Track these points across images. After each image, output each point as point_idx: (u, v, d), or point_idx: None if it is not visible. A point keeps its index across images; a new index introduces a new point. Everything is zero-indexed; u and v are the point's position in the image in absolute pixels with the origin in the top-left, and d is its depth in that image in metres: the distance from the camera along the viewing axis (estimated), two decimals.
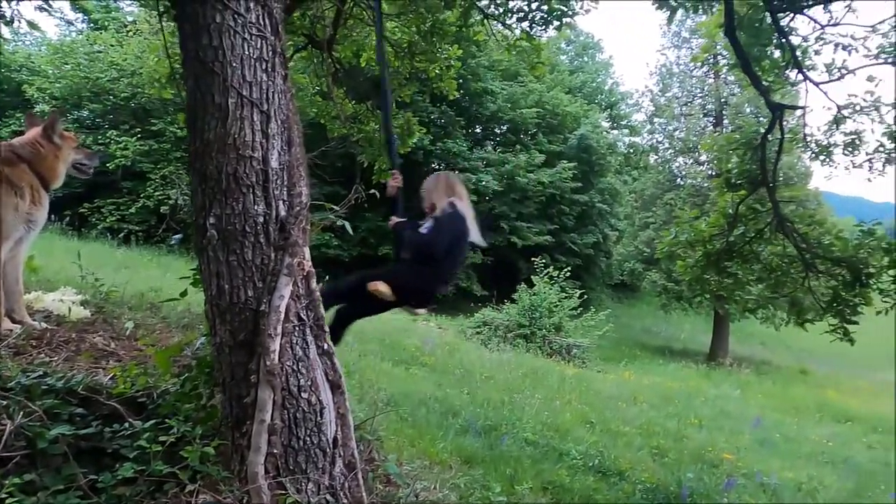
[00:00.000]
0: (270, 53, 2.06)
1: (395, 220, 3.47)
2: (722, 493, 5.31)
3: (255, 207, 2.02)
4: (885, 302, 5.62)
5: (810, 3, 5.22)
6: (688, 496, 5.06)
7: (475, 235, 3.53)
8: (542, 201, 24.63)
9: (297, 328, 2.06)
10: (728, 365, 18.65)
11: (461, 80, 23.25)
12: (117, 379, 2.46)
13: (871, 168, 6.22)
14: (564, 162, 24.93)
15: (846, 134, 6.19)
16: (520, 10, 5.61)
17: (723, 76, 20.92)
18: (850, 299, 5.74)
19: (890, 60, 5.52)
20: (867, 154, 6.17)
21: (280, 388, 1.97)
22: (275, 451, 1.95)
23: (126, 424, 2.09)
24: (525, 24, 5.64)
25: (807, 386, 15.91)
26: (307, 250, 2.14)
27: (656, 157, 26.17)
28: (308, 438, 2.05)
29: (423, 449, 4.80)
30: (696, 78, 23.80)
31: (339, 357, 6.85)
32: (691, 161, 23.04)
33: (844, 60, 5.75)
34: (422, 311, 3.80)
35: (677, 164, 24.83)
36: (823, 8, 5.45)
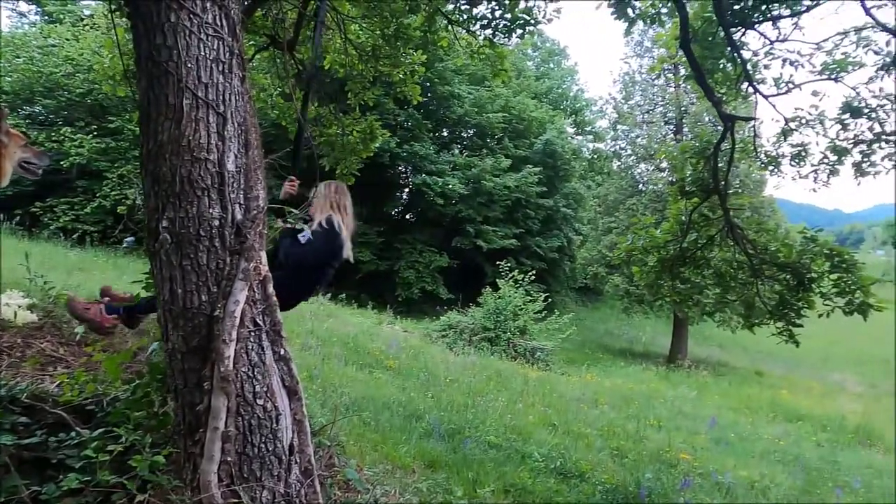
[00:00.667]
0: (228, 55, 2.03)
1: (280, 223, 3.47)
2: (679, 493, 5.43)
3: (211, 211, 1.98)
4: (827, 306, 5.86)
5: (760, 19, 5.42)
6: (646, 496, 5.17)
7: (348, 251, 3.55)
8: (507, 205, 24.86)
9: (252, 333, 2.03)
10: (687, 367, 19.10)
11: (428, 84, 23.35)
12: (64, 386, 2.38)
13: (815, 179, 6.48)
14: (530, 166, 25.23)
15: (793, 146, 6.45)
16: (483, 17, 5.65)
17: (682, 86, 21.49)
18: (795, 303, 5.96)
19: (833, 77, 5.77)
20: (812, 165, 6.43)
21: (234, 394, 1.93)
22: (228, 458, 1.91)
23: (72, 433, 2.02)
24: (488, 32, 5.69)
25: (761, 386, 16.40)
26: (264, 254, 2.11)
27: (619, 163, 26.69)
28: (263, 445, 2.02)
29: (386, 453, 4.79)
30: (657, 87, 24.38)
31: (301, 361, 6.79)
32: (652, 168, 23.57)
33: (791, 75, 5.98)
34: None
35: (639, 171, 25.37)
36: (772, 24, 5.66)
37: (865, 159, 6.23)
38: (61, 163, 16.84)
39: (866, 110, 5.97)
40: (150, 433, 2.06)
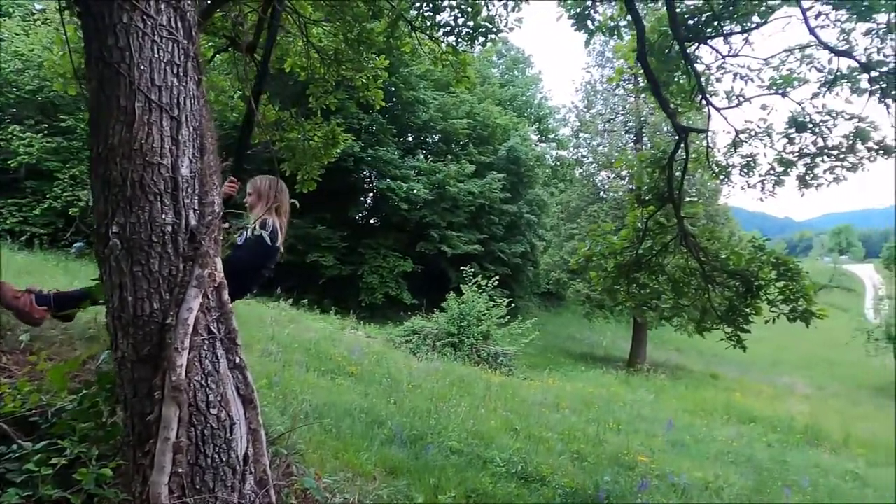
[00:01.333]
0: (183, 57, 2.00)
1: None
2: (636, 495, 5.54)
3: (163, 216, 1.93)
4: (773, 312, 6.10)
5: (713, 34, 5.62)
6: (604, 498, 5.26)
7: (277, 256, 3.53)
8: (471, 211, 25.00)
9: (206, 342, 1.99)
10: (645, 370, 19.50)
11: (392, 89, 23.31)
12: (5, 397, 2.28)
13: (763, 188, 6.74)
14: (494, 173, 25.44)
15: (743, 156, 6.69)
16: (447, 24, 5.69)
17: (642, 96, 22.03)
18: (744, 309, 6.18)
19: (780, 92, 6.02)
20: (760, 176, 6.68)
21: (187, 404, 1.89)
22: (180, 470, 1.87)
23: (14, 446, 1.94)
24: (452, 39, 5.73)
25: (716, 389, 16.88)
26: (219, 261, 2.07)
27: (581, 170, 27.17)
28: (217, 456, 1.98)
29: (347, 461, 4.75)
30: (618, 96, 24.94)
31: (261, 368, 6.67)
32: (613, 175, 24.05)
33: (742, 89, 6.23)
34: None
35: (600, 178, 25.86)
36: (724, 40, 5.88)
37: (809, 172, 6.50)
38: (9, 162, 16.16)
39: (810, 125, 6.24)
40: (97, 445, 2.00)
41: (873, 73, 5.49)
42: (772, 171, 6.75)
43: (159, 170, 1.92)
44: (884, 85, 5.50)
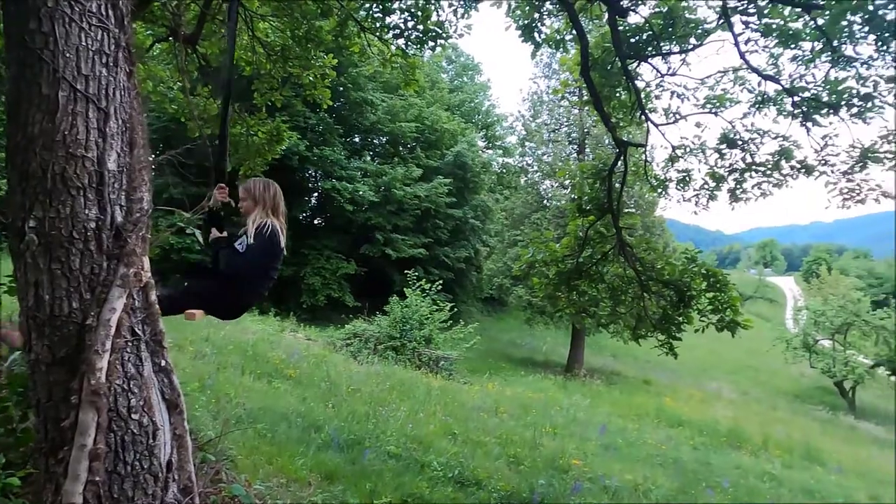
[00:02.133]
0: (113, 47, 1.91)
1: (215, 234, 3.32)
2: (569, 497, 5.68)
3: (87, 212, 1.84)
4: (702, 322, 6.41)
5: (653, 53, 5.85)
6: (539, 501, 5.36)
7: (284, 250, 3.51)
8: (417, 214, 25.00)
9: (130, 344, 1.90)
10: (583, 376, 20.03)
11: (340, 89, 23.06)
12: None
13: (697, 202, 7.07)
14: (440, 177, 25.54)
15: (679, 171, 7.00)
16: (396, 26, 5.69)
17: (585, 109, 22.68)
18: (676, 318, 6.46)
19: (713, 111, 6.34)
20: (694, 190, 7.00)
21: (106, 408, 1.80)
22: (97, 478, 1.77)
23: None
24: (401, 41, 5.73)
25: (648, 394, 17.51)
26: (146, 260, 1.98)
27: (526, 178, 27.70)
28: (137, 463, 1.89)
29: (282, 466, 4.66)
30: (563, 108, 25.55)
31: (194, 370, 6.43)
32: (557, 184, 24.62)
33: (678, 107, 6.52)
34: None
35: (544, 187, 26.41)
36: (663, 59, 6.14)
37: (738, 186, 6.85)
38: None
39: (740, 142, 6.58)
40: (5, 452, 1.87)
41: (796, 98, 5.86)
42: (705, 186, 7.07)
43: (83, 163, 1.82)
44: (805, 108, 5.87)
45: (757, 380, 30.55)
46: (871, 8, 4.10)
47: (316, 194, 25.96)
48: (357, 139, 27.61)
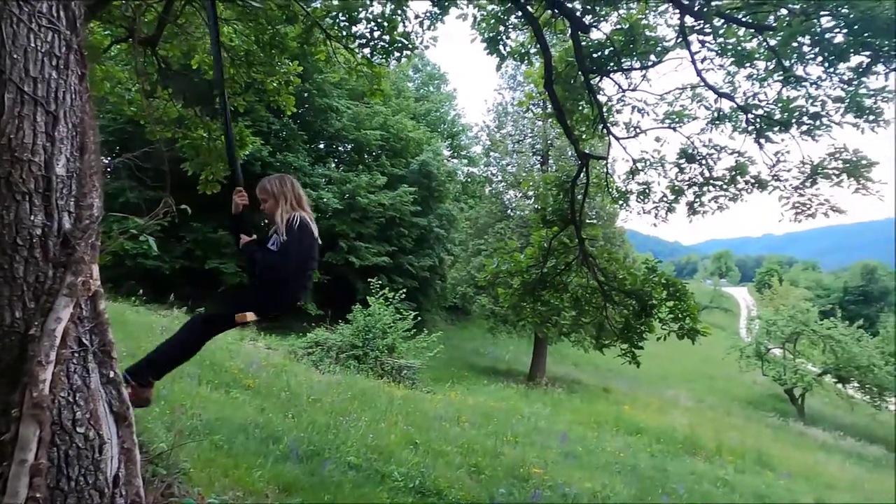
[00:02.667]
0: (64, 49, 1.85)
1: (245, 239, 3.32)
2: None
3: (32, 218, 1.77)
4: (664, 330, 6.57)
5: (614, 68, 6.01)
6: None
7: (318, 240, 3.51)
8: (381, 222, 24.89)
9: (76, 355, 1.83)
10: (544, 384, 20.21)
11: (305, 95, 22.87)
12: None
13: (656, 215, 7.26)
14: (405, 185, 25.53)
15: (639, 184, 7.18)
16: (363, 35, 5.68)
17: (549, 121, 23.04)
18: (638, 327, 6.60)
19: (672, 126, 6.53)
20: (654, 202, 7.19)
21: (49, 422, 1.73)
22: (38, 494, 1.69)
23: None
24: (367, 51, 5.72)
25: (608, 402, 17.77)
26: (96, 268, 1.92)
27: (490, 188, 27.92)
28: (82, 478, 1.82)
29: (238, 479, 4.56)
30: (527, 119, 25.89)
31: None
32: (520, 195, 24.88)
33: (639, 121, 6.70)
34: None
35: (508, 197, 26.66)
36: (624, 75, 6.30)
37: (697, 200, 7.06)
38: None
39: (698, 157, 6.80)
40: None
41: (750, 115, 6.09)
42: (665, 199, 7.27)
43: (30, 167, 1.75)
44: (759, 125, 6.11)
45: (712, 387, 31.39)
46: (818, 31, 4.30)
47: None
48: (321, 146, 27.39)
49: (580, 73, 5.82)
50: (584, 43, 5.81)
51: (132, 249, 17.46)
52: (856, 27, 3.86)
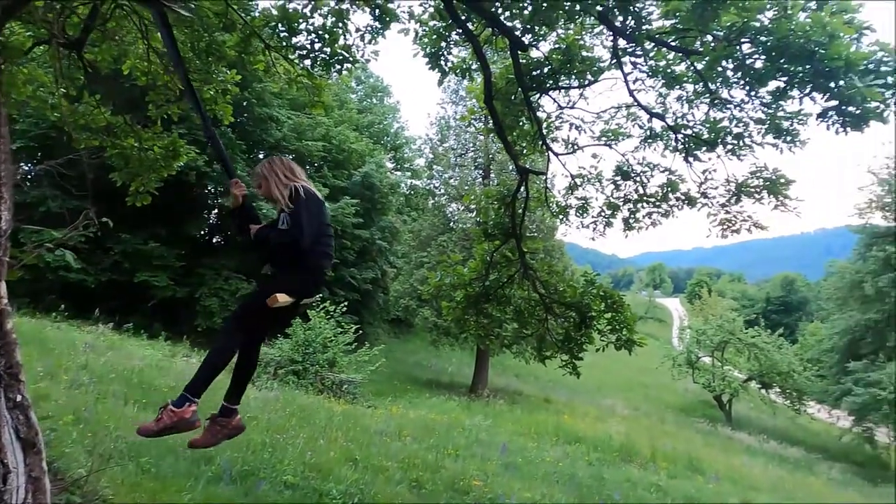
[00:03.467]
0: None
1: (254, 228, 3.23)
2: None
3: None
4: (602, 341, 6.76)
5: (553, 86, 6.18)
6: None
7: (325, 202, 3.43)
8: None
9: None
10: (486, 396, 20.34)
11: (245, 104, 22.33)
12: None
13: (595, 229, 7.48)
14: (347, 197, 25.26)
15: (578, 199, 7.39)
16: (303, 46, 5.60)
17: (491, 135, 23.40)
18: (578, 338, 6.76)
19: (608, 143, 6.77)
20: (592, 217, 7.42)
21: None
22: None
23: None
24: (307, 63, 5.65)
25: (548, 412, 18.06)
26: (2, 285, 1.79)
27: (433, 200, 28.05)
28: None
29: (166, 503, 4.36)
30: (469, 133, 26.22)
31: (69, 401, 5.91)
32: (463, 208, 25.11)
33: (576, 138, 6.90)
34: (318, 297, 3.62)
35: (451, 210, 26.85)
36: (562, 92, 6.50)
37: (632, 216, 7.32)
38: None
39: (633, 174, 7.06)
40: None
41: (680, 135, 6.39)
42: (602, 214, 7.50)
43: None
44: (688, 145, 6.42)
45: (647, 395, 32.49)
46: (739, 56, 4.57)
47: (215, 212, 24.75)
48: (261, 156, 26.75)
49: (520, 89, 5.95)
50: (523, 61, 5.95)
51: (53, 262, 16.44)
52: (773, 54, 4.13)
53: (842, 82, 3.75)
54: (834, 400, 25.37)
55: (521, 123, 6.71)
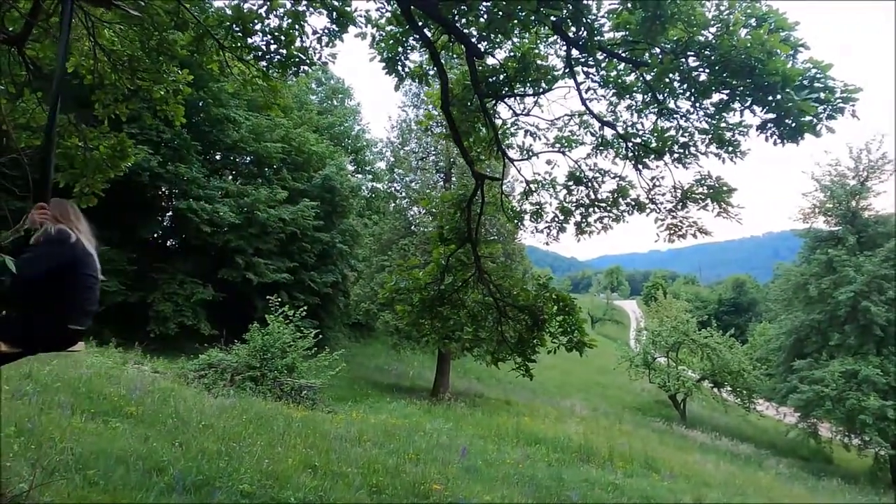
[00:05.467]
0: None
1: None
2: None
3: None
4: (554, 343, 6.89)
5: (508, 93, 6.29)
6: None
7: (97, 263, 3.29)
8: (282, 238, 24.13)
9: None
10: (447, 399, 20.37)
11: (200, 104, 21.85)
12: None
13: (549, 233, 7.63)
14: (307, 200, 24.97)
15: (533, 204, 7.53)
16: (258, 48, 5.54)
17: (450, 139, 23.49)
18: (531, 341, 6.88)
19: (561, 150, 6.93)
20: (546, 222, 7.56)
21: None
22: None
23: None
24: (263, 64, 5.59)
25: (509, 414, 18.19)
26: None
27: (394, 204, 27.96)
28: None
29: None
30: (430, 137, 26.27)
31: (10, 412, 5.70)
32: (424, 212, 25.13)
33: (531, 145, 7.04)
34: (77, 348, 3.35)
35: (412, 213, 26.83)
36: (517, 100, 6.61)
37: (584, 220, 7.50)
38: None
39: (585, 180, 7.24)
40: None
41: (629, 143, 6.59)
42: (556, 219, 7.66)
43: None
44: (637, 153, 6.62)
45: (605, 396, 33.16)
46: (685, 69, 4.75)
47: (169, 214, 24.08)
48: (218, 157, 26.22)
49: (476, 96, 6.03)
50: (479, 68, 6.03)
51: None
52: (716, 68, 4.32)
53: (779, 96, 3.95)
54: (781, 397, 26.36)
55: (477, 129, 6.80)
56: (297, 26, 5.28)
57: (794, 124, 4.06)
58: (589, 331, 7.29)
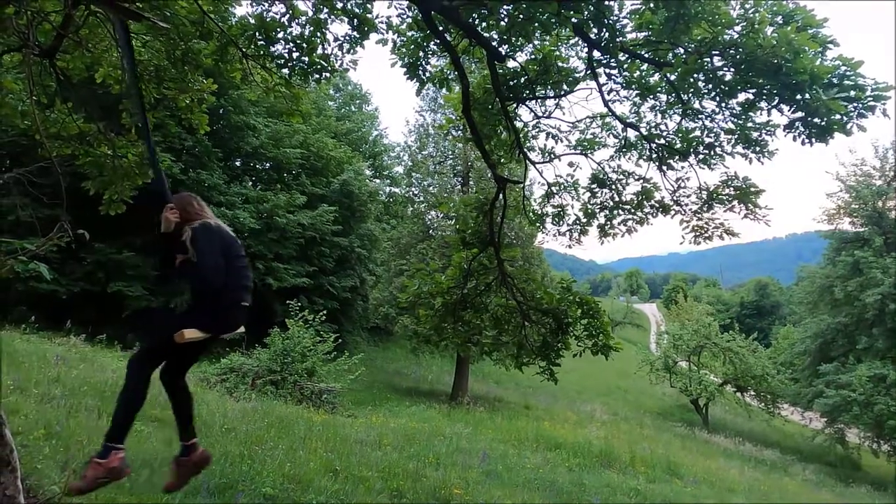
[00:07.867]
0: None
1: (180, 258, 3.19)
2: None
3: None
4: (579, 347, 6.84)
5: (530, 96, 6.27)
6: None
7: (238, 242, 3.41)
8: (301, 243, 24.32)
9: None
10: (466, 403, 20.30)
11: (221, 111, 22.16)
12: None
13: (571, 236, 7.58)
14: (326, 205, 25.15)
15: (554, 206, 7.49)
16: (281, 56, 5.60)
17: (469, 144, 23.50)
18: (555, 345, 6.83)
19: (584, 152, 6.89)
20: (568, 225, 7.52)
21: None
22: None
23: None
24: (285, 72, 5.65)
25: (528, 419, 18.08)
26: None
27: (412, 208, 28.03)
28: None
29: None
30: (448, 140, 26.31)
31: (40, 416, 5.81)
32: (442, 215, 25.14)
33: (553, 147, 7.01)
34: (240, 330, 3.49)
35: (430, 217, 26.86)
36: (539, 102, 6.59)
37: (608, 223, 7.44)
38: None
39: (608, 182, 7.19)
40: None
41: (653, 144, 6.53)
42: (578, 221, 7.61)
43: None
44: (661, 154, 6.56)
45: (626, 400, 32.78)
46: (710, 69, 4.69)
47: None
48: (238, 164, 26.52)
49: (497, 99, 6.03)
50: (500, 71, 6.03)
51: (24, 272, 16.04)
52: (742, 67, 4.26)
53: (807, 95, 3.89)
54: (807, 402, 25.86)
55: (498, 133, 6.79)
56: (318, 34, 5.32)
57: (822, 123, 3.99)
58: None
